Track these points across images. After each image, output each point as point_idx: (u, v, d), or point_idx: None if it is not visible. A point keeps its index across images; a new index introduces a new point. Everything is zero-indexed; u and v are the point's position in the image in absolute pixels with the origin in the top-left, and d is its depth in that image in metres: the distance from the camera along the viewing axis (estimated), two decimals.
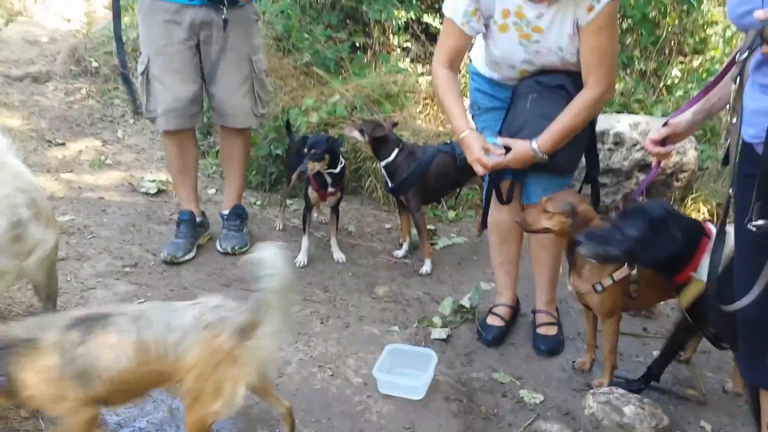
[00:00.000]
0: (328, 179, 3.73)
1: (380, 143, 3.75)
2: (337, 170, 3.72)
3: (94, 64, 6.36)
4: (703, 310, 2.34)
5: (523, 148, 2.67)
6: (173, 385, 2.01)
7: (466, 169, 3.09)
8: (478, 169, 2.73)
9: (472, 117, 3.11)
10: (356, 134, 3.79)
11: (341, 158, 3.77)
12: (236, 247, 3.82)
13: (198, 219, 3.91)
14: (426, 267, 3.79)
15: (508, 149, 2.69)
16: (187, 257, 3.72)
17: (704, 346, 3.05)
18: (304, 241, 3.81)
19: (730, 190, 1.96)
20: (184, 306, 2.04)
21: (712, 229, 2.34)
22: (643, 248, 2.31)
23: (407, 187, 3.73)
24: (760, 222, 1.77)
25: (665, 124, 2.28)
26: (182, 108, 3.65)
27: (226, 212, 3.96)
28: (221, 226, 3.96)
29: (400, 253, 3.98)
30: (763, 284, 1.78)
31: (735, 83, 1.80)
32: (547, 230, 2.68)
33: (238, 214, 3.97)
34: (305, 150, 3.59)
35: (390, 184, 3.81)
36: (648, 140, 2.33)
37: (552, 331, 3.10)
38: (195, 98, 3.68)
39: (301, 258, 3.79)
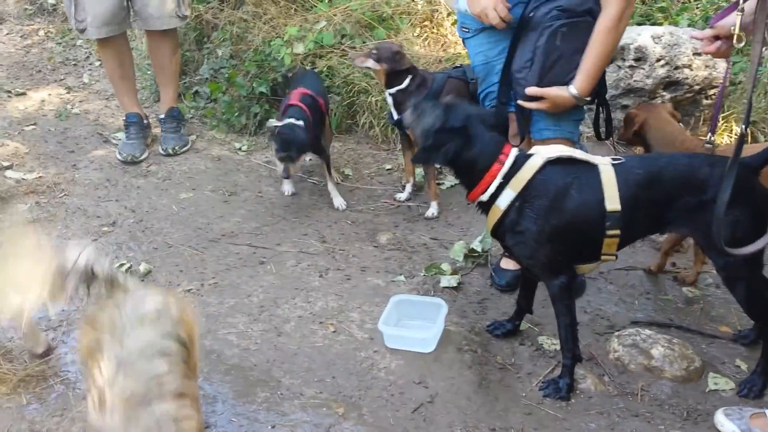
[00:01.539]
0: None
1: (395, 70, 3.67)
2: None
3: (51, 0, 6.23)
4: (502, 235, 2.45)
5: (562, 97, 2.65)
6: None
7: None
8: (493, 18, 2.66)
9: (463, 41, 3.05)
10: (371, 64, 3.68)
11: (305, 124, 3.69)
12: (176, 147, 4.40)
13: (144, 121, 4.50)
14: (432, 210, 3.79)
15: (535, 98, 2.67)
16: (144, 156, 4.34)
17: None
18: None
19: (742, 125, 1.97)
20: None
21: (511, 155, 2.37)
22: (436, 144, 2.39)
23: None
24: None
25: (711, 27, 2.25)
26: (111, 15, 4.07)
27: (162, 116, 4.49)
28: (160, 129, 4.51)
29: (402, 196, 3.98)
30: None
31: None
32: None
33: (174, 116, 4.49)
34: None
35: (396, 116, 3.74)
36: (698, 40, 2.33)
37: None
38: (121, 3, 4.08)
39: (286, 188, 4.02)
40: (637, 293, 3.10)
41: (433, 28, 5.24)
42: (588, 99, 2.67)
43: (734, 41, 2.11)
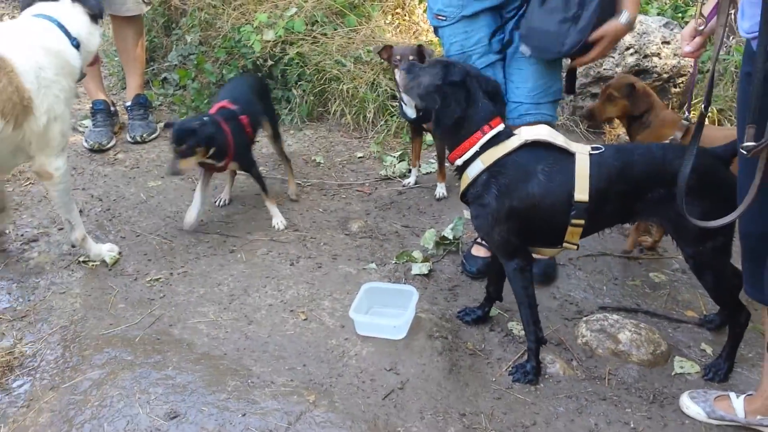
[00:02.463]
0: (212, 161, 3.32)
1: None
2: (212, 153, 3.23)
3: None
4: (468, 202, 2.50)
5: (618, 29, 2.65)
6: None
7: None
8: None
9: (435, 30, 3.02)
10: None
11: (219, 137, 3.22)
12: (144, 135, 4.39)
13: (111, 108, 4.45)
14: (441, 191, 3.86)
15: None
16: (111, 144, 4.30)
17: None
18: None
19: (703, 107, 2.03)
20: None
21: (495, 129, 2.37)
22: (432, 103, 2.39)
23: None
24: (750, 143, 1.81)
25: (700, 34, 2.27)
26: None
27: (129, 103, 4.48)
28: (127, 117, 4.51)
29: (410, 181, 4.01)
30: (746, 204, 1.85)
31: None
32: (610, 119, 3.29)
33: (141, 103, 4.48)
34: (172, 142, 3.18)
35: (414, 114, 3.66)
36: (683, 52, 2.37)
37: None
38: None
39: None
40: (606, 279, 3.14)
41: (405, 15, 5.25)
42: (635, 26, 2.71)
43: (695, 24, 2.17)
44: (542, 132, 2.38)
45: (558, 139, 2.37)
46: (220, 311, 2.85)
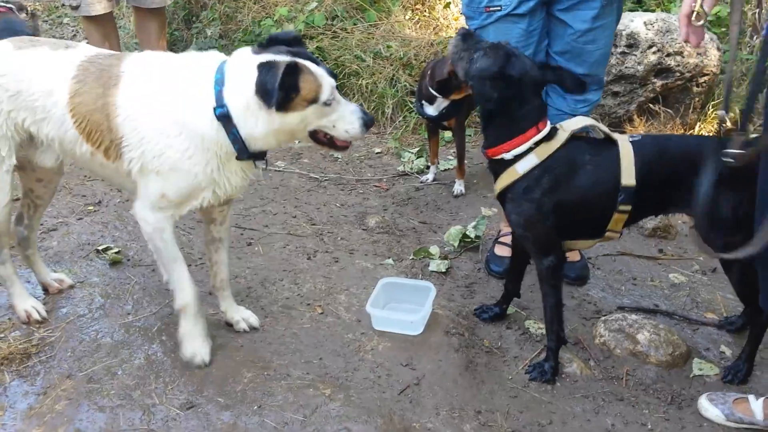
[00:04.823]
0: None
1: None
2: None
3: None
4: (506, 199, 2.45)
5: None
6: None
7: None
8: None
9: (471, 23, 2.87)
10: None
11: None
12: None
13: None
14: (459, 188, 3.86)
15: None
16: None
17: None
18: None
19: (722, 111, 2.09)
20: None
21: (548, 126, 2.37)
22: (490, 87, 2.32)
23: (459, 109, 3.68)
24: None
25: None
26: None
27: None
28: None
29: (429, 177, 4.01)
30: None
31: None
32: None
33: None
34: None
35: (435, 112, 3.68)
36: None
37: (575, 256, 3.08)
38: None
39: None
40: (624, 279, 3.12)
41: (425, 11, 5.23)
42: None
43: (693, 18, 2.11)
44: (586, 121, 2.42)
45: (601, 126, 2.41)
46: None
